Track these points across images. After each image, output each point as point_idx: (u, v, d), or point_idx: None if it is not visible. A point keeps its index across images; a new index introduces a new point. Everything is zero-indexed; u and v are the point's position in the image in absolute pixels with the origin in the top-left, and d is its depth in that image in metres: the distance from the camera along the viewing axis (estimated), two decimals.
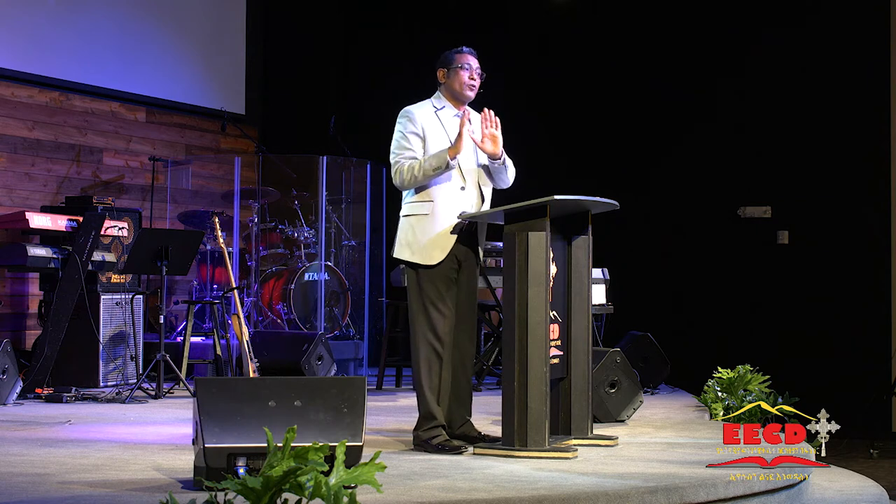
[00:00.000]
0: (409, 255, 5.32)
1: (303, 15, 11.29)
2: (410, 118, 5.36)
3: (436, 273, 5.28)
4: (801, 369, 8.91)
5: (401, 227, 5.39)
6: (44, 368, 7.38)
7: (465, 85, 5.40)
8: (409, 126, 5.35)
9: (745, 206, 9.81)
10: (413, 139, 5.33)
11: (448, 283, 5.31)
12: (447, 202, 5.30)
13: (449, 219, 5.29)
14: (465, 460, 4.99)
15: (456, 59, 5.42)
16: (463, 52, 5.44)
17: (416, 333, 5.30)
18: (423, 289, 5.29)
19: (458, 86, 5.41)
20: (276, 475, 3.32)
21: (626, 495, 4.23)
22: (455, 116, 5.42)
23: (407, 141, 5.33)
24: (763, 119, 9.78)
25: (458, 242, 5.32)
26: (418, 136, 5.33)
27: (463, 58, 5.42)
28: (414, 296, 5.33)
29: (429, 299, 5.27)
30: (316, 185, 9.45)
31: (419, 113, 5.38)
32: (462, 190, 5.34)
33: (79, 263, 7.58)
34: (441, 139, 5.34)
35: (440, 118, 5.40)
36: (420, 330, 5.29)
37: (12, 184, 8.82)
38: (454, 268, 5.34)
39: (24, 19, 8.95)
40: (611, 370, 6.41)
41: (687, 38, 9.99)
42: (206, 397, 4.16)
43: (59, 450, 5.20)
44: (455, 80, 5.41)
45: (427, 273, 5.29)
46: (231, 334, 8.08)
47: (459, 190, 5.33)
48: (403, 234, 5.36)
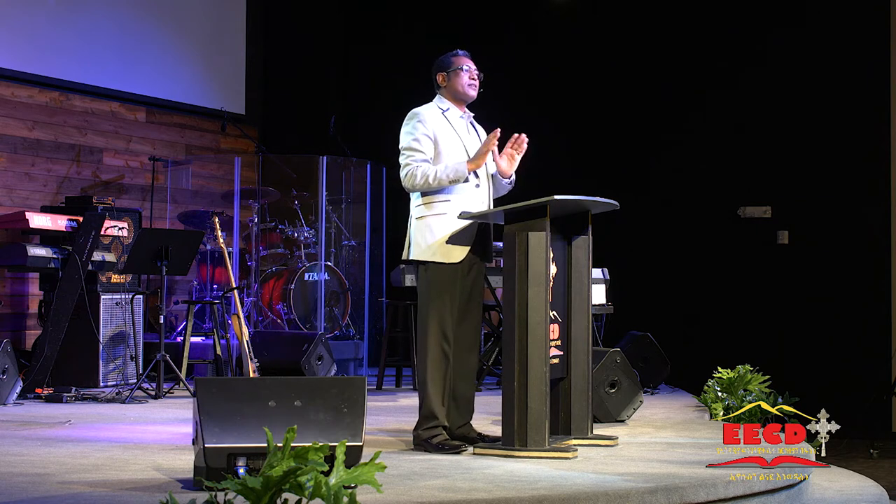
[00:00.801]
0: (430, 255, 5.26)
1: (303, 15, 11.29)
2: (421, 120, 5.33)
3: (449, 273, 5.27)
4: (801, 369, 8.92)
5: (416, 229, 5.32)
6: (44, 368, 7.38)
7: (467, 85, 5.41)
8: (420, 128, 5.31)
9: (745, 206, 9.82)
10: (424, 141, 5.30)
11: (460, 285, 5.30)
12: (464, 200, 5.29)
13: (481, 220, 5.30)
14: (465, 460, 4.99)
15: (454, 62, 5.43)
16: (459, 55, 5.46)
17: (427, 334, 5.26)
18: (435, 288, 5.25)
19: (461, 87, 5.41)
20: (276, 475, 3.32)
21: (626, 495, 4.23)
22: (460, 118, 5.44)
23: (419, 143, 5.29)
24: (763, 119, 9.78)
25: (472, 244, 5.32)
26: (429, 139, 5.31)
27: (460, 60, 5.44)
28: (424, 295, 5.29)
29: (440, 299, 5.25)
30: (316, 185, 9.45)
31: (428, 115, 5.36)
32: (477, 188, 5.35)
33: (79, 263, 7.58)
34: (451, 140, 5.34)
35: (448, 119, 5.40)
36: (431, 331, 5.26)
37: (12, 184, 8.82)
38: (466, 270, 5.34)
39: (24, 19, 8.95)
40: (611, 370, 6.41)
41: (687, 38, 9.99)
42: (206, 397, 4.16)
43: (59, 450, 5.20)
44: (456, 81, 5.41)
45: (441, 272, 5.26)
46: (231, 334, 8.08)
47: (475, 188, 5.34)
48: (421, 235, 5.29)
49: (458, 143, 5.34)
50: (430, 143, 5.32)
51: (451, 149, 5.32)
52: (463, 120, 5.44)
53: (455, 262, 5.25)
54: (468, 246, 5.28)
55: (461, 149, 5.35)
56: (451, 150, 5.32)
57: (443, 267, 5.26)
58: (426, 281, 5.29)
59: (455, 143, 5.34)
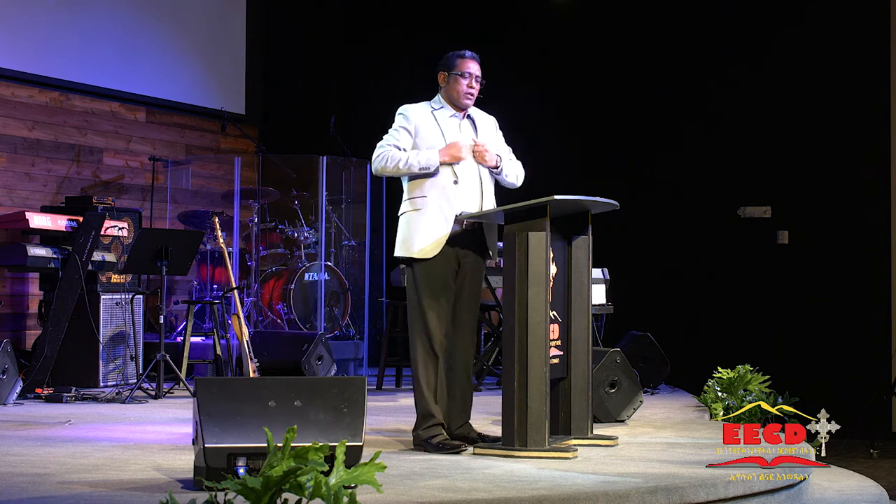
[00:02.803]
0: (405, 251, 5.34)
1: (303, 15, 11.29)
2: (405, 115, 5.42)
3: (431, 270, 5.28)
4: (801, 369, 8.92)
5: (399, 226, 5.41)
6: (44, 368, 7.38)
7: (462, 94, 5.40)
8: (401, 121, 5.41)
9: (745, 206, 9.81)
10: (402, 133, 5.38)
11: (444, 282, 5.30)
12: (440, 197, 5.30)
13: (442, 213, 5.29)
14: (465, 460, 4.99)
15: (457, 66, 5.41)
16: (465, 58, 5.42)
17: (413, 332, 5.34)
18: (417, 286, 5.31)
19: (456, 94, 5.41)
20: (276, 475, 3.33)
21: (626, 495, 4.23)
22: (452, 117, 5.43)
23: (397, 133, 5.39)
24: (763, 119, 9.77)
25: (459, 242, 5.31)
26: (408, 132, 5.37)
27: (464, 64, 5.40)
28: (410, 294, 5.36)
29: (423, 297, 5.28)
30: (316, 185, 9.45)
31: (414, 111, 5.42)
32: (455, 184, 5.33)
33: (79, 263, 7.58)
34: (435, 136, 5.35)
35: (436, 117, 5.41)
36: (415, 328, 5.32)
37: (12, 184, 8.82)
38: (453, 268, 5.33)
39: (24, 19, 8.95)
40: (611, 370, 6.41)
41: (687, 39, 9.99)
42: (206, 397, 4.16)
43: (59, 450, 5.20)
44: (453, 87, 5.41)
45: (422, 269, 5.29)
46: (231, 334, 8.08)
47: (452, 184, 5.32)
48: (400, 232, 5.39)
49: (439, 142, 5.35)
50: (409, 136, 5.37)
51: (431, 145, 5.33)
52: (455, 119, 5.43)
53: (429, 258, 5.27)
54: (442, 242, 5.27)
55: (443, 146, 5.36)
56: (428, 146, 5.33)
57: (423, 263, 5.29)
58: (410, 278, 5.37)
59: (437, 140, 5.34)
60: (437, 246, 5.28)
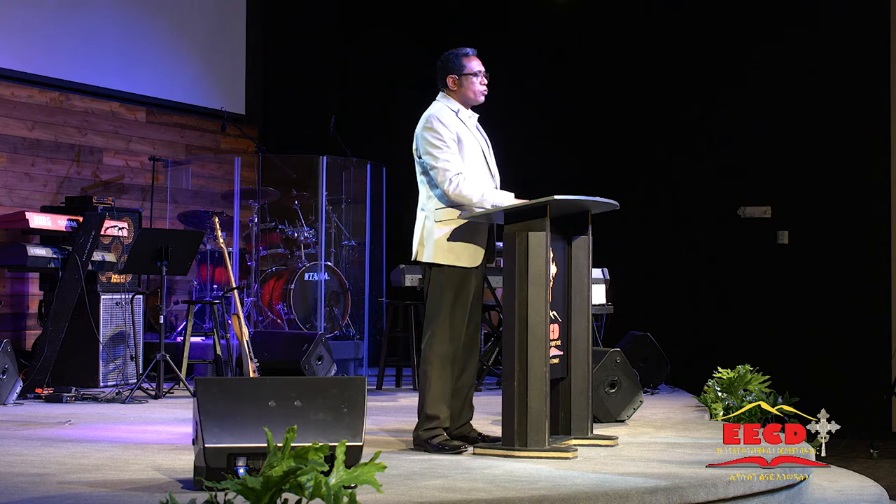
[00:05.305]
0: (453, 260, 5.22)
1: (303, 15, 11.29)
2: (444, 123, 5.27)
3: (470, 279, 5.28)
4: (801, 369, 8.92)
5: (436, 231, 5.25)
6: (44, 368, 7.38)
7: (479, 92, 5.41)
8: (445, 132, 5.25)
9: (745, 206, 9.81)
10: (452, 145, 5.25)
11: (478, 292, 5.35)
12: None
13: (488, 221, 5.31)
14: (465, 460, 4.99)
15: (467, 66, 5.39)
16: (470, 56, 5.42)
17: (435, 335, 5.25)
18: (455, 292, 5.24)
19: (473, 94, 5.39)
20: (276, 475, 3.33)
21: (626, 495, 4.23)
22: (470, 118, 5.43)
23: (449, 150, 5.23)
24: (763, 119, 9.77)
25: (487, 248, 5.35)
26: (454, 142, 5.27)
27: (472, 63, 5.40)
28: (441, 298, 5.25)
29: (458, 304, 5.25)
30: (316, 185, 9.45)
31: (447, 119, 5.31)
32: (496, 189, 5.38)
33: (79, 263, 7.58)
34: (471, 143, 5.33)
35: (463, 121, 5.38)
36: (440, 332, 5.25)
37: (12, 184, 8.82)
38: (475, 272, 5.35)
39: (24, 19, 8.95)
40: (611, 370, 6.41)
41: (688, 39, 9.99)
42: (206, 397, 4.16)
43: (59, 450, 5.20)
44: (469, 87, 5.38)
45: (463, 277, 5.25)
46: (231, 334, 8.08)
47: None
48: (439, 237, 5.24)
49: (475, 146, 5.34)
50: (456, 145, 5.27)
51: (472, 152, 5.31)
52: (473, 120, 5.45)
53: (475, 266, 5.27)
54: (484, 249, 5.30)
55: (479, 152, 5.35)
56: (471, 154, 5.31)
57: (465, 271, 5.26)
58: (440, 283, 5.25)
59: (473, 145, 5.34)
60: (480, 255, 5.29)
